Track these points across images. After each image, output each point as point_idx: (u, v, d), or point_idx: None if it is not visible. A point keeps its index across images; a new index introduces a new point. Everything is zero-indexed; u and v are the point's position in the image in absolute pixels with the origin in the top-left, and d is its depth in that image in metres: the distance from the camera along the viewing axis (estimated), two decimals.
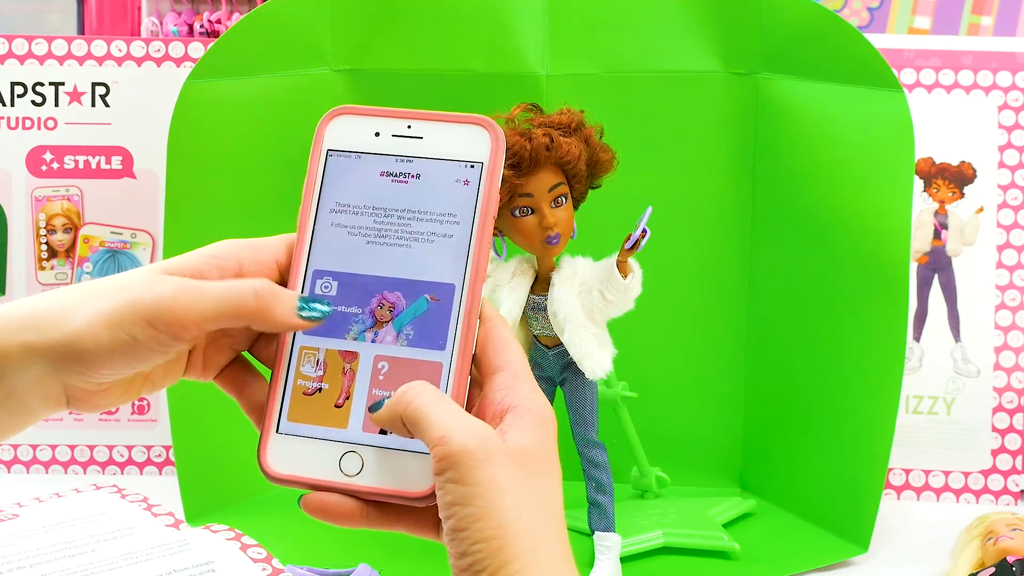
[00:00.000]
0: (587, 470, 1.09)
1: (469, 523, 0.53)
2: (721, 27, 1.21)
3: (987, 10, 1.50)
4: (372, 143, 0.60)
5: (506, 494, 0.53)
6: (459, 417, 0.55)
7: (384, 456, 0.58)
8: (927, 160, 1.28)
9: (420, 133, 0.60)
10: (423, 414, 0.55)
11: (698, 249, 1.26)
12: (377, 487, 0.57)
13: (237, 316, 0.56)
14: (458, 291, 0.58)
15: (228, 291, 0.56)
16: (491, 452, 0.54)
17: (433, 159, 0.60)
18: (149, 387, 0.60)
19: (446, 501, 0.54)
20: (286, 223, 1.34)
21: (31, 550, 0.84)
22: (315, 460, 0.58)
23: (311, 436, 0.58)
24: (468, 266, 0.59)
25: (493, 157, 0.59)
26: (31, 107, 1.30)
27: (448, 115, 0.60)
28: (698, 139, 1.24)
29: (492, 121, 0.60)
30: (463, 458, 0.53)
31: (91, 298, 0.56)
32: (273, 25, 1.18)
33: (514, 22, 1.21)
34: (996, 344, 1.27)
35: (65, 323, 0.55)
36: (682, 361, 1.28)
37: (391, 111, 0.61)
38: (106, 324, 0.55)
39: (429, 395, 0.56)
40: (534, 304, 1.06)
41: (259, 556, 0.86)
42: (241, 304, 0.56)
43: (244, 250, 0.60)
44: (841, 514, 1.17)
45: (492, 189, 0.59)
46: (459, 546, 0.54)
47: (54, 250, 1.31)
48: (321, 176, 0.60)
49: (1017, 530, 1.05)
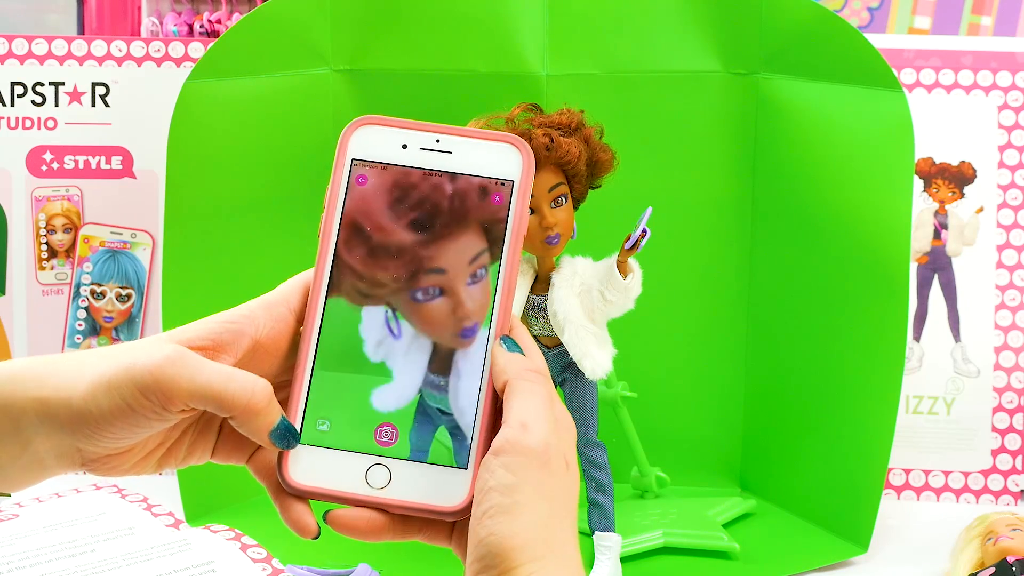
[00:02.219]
0: (587, 470, 1.09)
1: (499, 512, 0.53)
2: (721, 27, 1.21)
3: (987, 10, 1.50)
4: (400, 155, 0.59)
5: (543, 501, 0.53)
6: (549, 423, 0.55)
7: (412, 469, 0.57)
8: (927, 160, 1.28)
9: (449, 148, 0.59)
10: (527, 397, 0.55)
11: (698, 249, 1.26)
12: (406, 501, 0.56)
13: (221, 407, 0.55)
14: (490, 305, 0.58)
15: (223, 380, 0.55)
16: (550, 461, 0.54)
17: (463, 174, 0.59)
18: (173, 462, 0.59)
19: (488, 485, 0.54)
20: (286, 223, 1.33)
21: (31, 550, 0.84)
22: (340, 472, 0.57)
23: (336, 447, 0.57)
24: (499, 284, 0.58)
25: (524, 177, 0.59)
26: (31, 107, 1.30)
27: (479, 132, 0.60)
28: (698, 139, 1.24)
29: (523, 141, 0.59)
30: (527, 451, 0.54)
31: (99, 361, 0.56)
32: (273, 25, 1.18)
33: (514, 22, 1.21)
34: (996, 344, 1.27)
35: (75, 385, 0.55)
36: (682, 361, 1.28)
37: (419, 124, 0.60)
38: (105, 389, 0.55)
39: (546, 391, 0.56)
40: (534, 304, 1.06)
41: (259, 556, 0.86)
42: (227, 399, 0.55)
43: (258, 310, 0.59)
44: (841, 514, 1.17)
45: (523, 208, 0.59)
46: (480, 532, 0.53)
47: (54, 250, 1.31)
48: (345, 185, 0.59)
49: (1017, 530, 1.05)
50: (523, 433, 0.54)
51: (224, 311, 0.59)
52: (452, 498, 0.56)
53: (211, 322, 0.58)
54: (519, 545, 0.53)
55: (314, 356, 0.58)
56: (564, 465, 0.55)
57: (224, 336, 0.57)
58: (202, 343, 0.57)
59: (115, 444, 0.56)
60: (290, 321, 0.59)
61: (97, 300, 1.31)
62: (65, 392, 0.55)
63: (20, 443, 0.56)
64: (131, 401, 0.54)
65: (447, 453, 0.57)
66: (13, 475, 0.57)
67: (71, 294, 1.31)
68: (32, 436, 0.56)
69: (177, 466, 0.60)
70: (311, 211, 0.87)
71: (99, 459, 0.57)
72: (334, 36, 1.21)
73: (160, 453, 0.59)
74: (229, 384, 0.55)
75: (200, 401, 0.55)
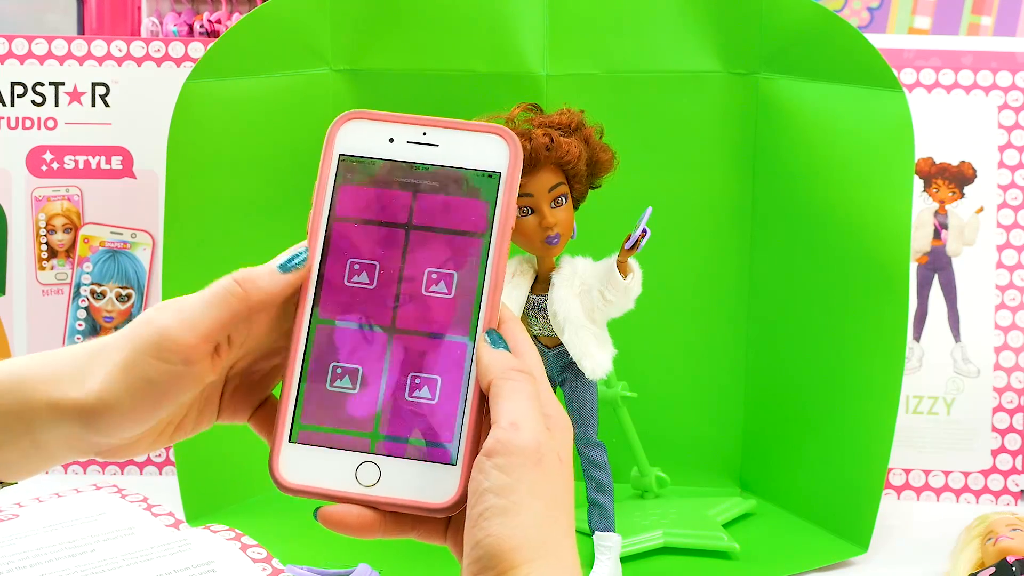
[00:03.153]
0: (587, 470, 1.09)
1: (496, 514, 0.53)
2: (721, 27, 1.21)
3: (987, 10, 1.50)
4: (386, 149, 0.59)
5: (538, 500, 0.53)
6: (537, 421, 0.55)
7: (402, 466, 0.57)
8: (927, 160, 1.28)
9: (436, 140, 0.59)
10: (513, 396, 0.55)
11: (698, 249, 1.26)
12: (396, 498, 0.56)
13: (232, 312, 0.56)
14: (477, 300, 0.58)
15: (213, 295, 0.56)
16: (543, 459, 0.54)
17: (449, 167, 0.59)
18: (182, 433, 0.60)
19: (482, 487, 0.54)
20: (286, 223, 1.34)
21: (31, 550, 0.84)
22: (330, 470, 0.57)
23: (325, 446, 0.57)
24: (487, 278, 0.58)
25: (512, 168, 0.59)
26: (31, 107, 1.30)
27: (465, 123, 0.59)
28: (698, 139, 1.24)
29: (510, 131, 0.59)
30: (520, 451, 0.54)
31: (102, 352, 0.56)
32: (273, 25, 1.18)
33: (514, 22, 1.21)
34: (996, 344, 1.27)
35: (86, 381, 0.56)
36: (682, 361, 1.28)
37: (405, 117, 0.60)
38: (121, 372, 0.55)
39: (531, 389, 0.56)
40: (534, 304, 1.06)
41: (259, 556, 0.86)
42: (230, 297, 0.56)
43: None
44: (841, 514, 1.17)
45: (511, 200, 0.58)
46: (477, 534, 0.53)
47: (54, 250, 1.31)
48: (332, 181, 0.59)
49: (1017, 530, 1.05)
50: (514, 433, 0.54)
51: None
52: (441, 495, 0.56)
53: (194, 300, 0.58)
54: (517, 545, 0.53)
55: (304, 353, 0.58)
56: (558, 462, 0.55)
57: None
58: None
59: (136, 432, 0.57)
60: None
61: (97, 300, 1.31)
62: (78, 390, 0.55)
63: (32, 442, 0.56)
64: (150, 373, 0.55)
65: (437, 450, 0.57)
66: (23, 468, 0.58)
67: (71, 294, 1.31)
68: (45, 435, 0.56)
69: (188, 435, 0.60)
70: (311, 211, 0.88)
71: (115, 449, 0.57)
72: (334, 36, 1.21)
73: (172, 428, 0.59)
74: (220, 292, 0.56)
75: (218, 331, 0.56)
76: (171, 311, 0.56)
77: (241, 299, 0.57)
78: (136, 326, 0.56)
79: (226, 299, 0.56)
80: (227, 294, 0.56)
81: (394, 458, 0.57)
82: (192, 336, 0.55)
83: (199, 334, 0.55)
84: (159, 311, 0.56)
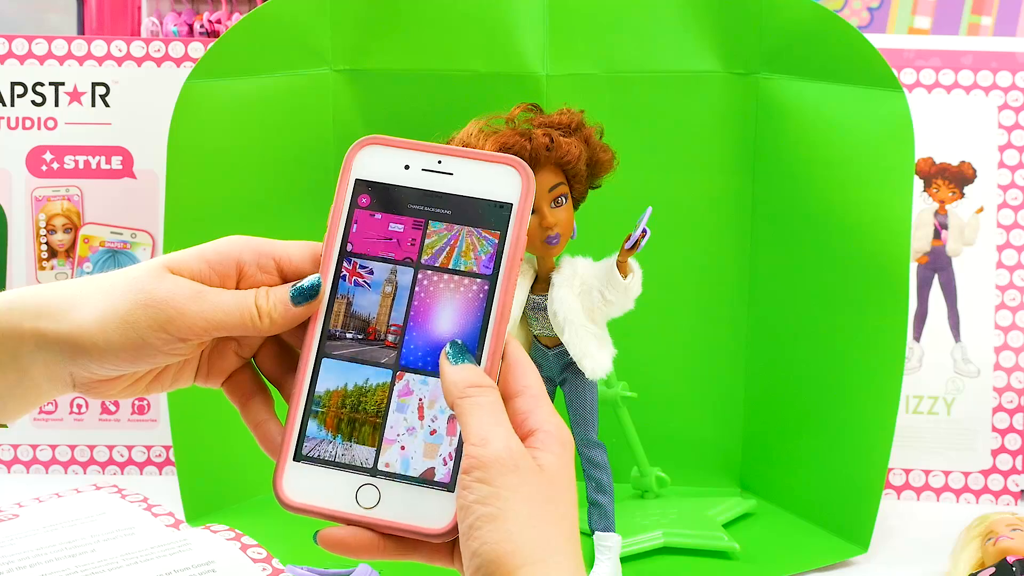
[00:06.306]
0: (587, 470, 1.09)
1: (485, 522, 0.54)
2: (721, 27, 1.21)
3: (987, 10, 1.50)
4: (401, 175, 0.60)
5: (524, 504, 0.55)
6: (504, 429, 0.57)
7: (401, 490, 0.58)
8: (927, 160, 1.28)
9: (450, 169, 0.60)
10: (475, 413, 0.56)
11: (698, 249, 1.26)
12: (394, 521, 0.58)
13: (243, 329, 0.59)
14: (483, 330, 0.59)
15: (236, 304, 0.59)
16: (519, 465, 0.55)
17: (462, 196, 0.60)
18: (158, 387, 0.62)
19: (469, 500, 0.55)
20: (286, 222, 1.34)
21: (31, 550, 0.84)
22: (331, 491, 0.59)
23: (328, 467, 0.59)
24: (494, 308, 0.59)
25: (523, 200, 0.60)
26: (31, 107, 1.30)
27: (479, 153, 0.61)
28: (698, 139, 1.24)
29: (523, 163, 0.60)
30: (495, 463, 0.55)
31: (103, 293, 0.58)
32: (273, 25, 1.18)
33: (514, 22, 1.21)
34: (996, 344, 1.27)
35: (77, 316, 0.58)
36: (682, 361, 1.28)
37: (422, 145, 0.61)
38: (119, 323, 0.57)
39: (490, 400, 0.57)
40: (534, 304, 1.06)
41: (259, 556, 0.86)
42: (246, 319, 0.59)
43: (245, 252, 0.61)
44: (841, 514, 1.17)
45: (520, 232, 0.59)
46: (472, 544, 0.54)
47: (54, 250, 1.31)
48: (348, 205, 0.60)
49: (1017, 530, 1.05)
50: (484, 448, 0.55)
51: (212, 242, 0.61)
52: (439, 520, 0.57)
53: (198, 259, 0.60)
54: (512, 549, 0.54)
55: (311, 375, 0.60)
56: (534, 466, 0.56)
57: (210, 279, 0.60)
58: (190, 276, 0.59)
59: (113, 373, 0.59)
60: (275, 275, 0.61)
61: None
62: (67, 323, 0.58)
63: (17, 371, 0.59)
64: (148, 336, 0.57)
65: (435, 476, 0.58)
66: (11, 404, 0.60)
67: None
68: (29, 364, 0.59)
69: (163, 390, 0.63)
70: (311, 211, 0.88)
71: (90, 383, 0.60)
72: (334, 36, 1.21)
73: (149, 379, 0.62)
74: (240, 307, 0.59)
75: (225, 331, 0.59)
76: (189, 295, 0.58)
77: (254, 326, 0.59)
78: (148, 283, 0.58)
79: (242, 320, 0.59)
80: (246, 314, 0.59)
81: (394, 482, 0.58)
82: (204, 330, 0.58)
83: (209, 330, 0.58)
84: (173, 281, 0.58)
